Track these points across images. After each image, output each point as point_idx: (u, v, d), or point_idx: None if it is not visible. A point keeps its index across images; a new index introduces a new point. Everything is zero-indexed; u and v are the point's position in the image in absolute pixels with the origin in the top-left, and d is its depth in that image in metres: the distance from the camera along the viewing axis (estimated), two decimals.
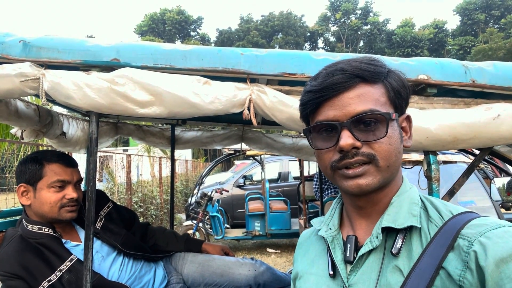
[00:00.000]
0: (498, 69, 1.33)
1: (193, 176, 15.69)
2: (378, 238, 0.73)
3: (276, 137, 2.67)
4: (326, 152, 0.75)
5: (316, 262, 0.85)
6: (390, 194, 0.76)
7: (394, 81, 0.75)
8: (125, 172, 6.73)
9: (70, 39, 1.30)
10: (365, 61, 0.75)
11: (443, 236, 0.67)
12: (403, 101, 0.77)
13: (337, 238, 0.81)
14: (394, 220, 0.73)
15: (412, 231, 0.72)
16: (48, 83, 1.22)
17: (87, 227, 1.31)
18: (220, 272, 1.86)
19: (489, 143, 1.27)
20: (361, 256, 0.74)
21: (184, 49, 1.29)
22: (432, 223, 0.71)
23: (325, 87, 0.73)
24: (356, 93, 0.72)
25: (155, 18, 58.60)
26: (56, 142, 2.02)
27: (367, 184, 0.71)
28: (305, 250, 0.92)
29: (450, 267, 0.64)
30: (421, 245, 0.70)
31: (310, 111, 0.77)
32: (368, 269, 0.73)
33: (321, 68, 0.78)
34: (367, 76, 0.72)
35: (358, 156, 0.71)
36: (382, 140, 0.71)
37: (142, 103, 1.23)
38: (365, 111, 0.70)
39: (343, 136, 0.71)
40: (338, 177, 0.74)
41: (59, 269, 1.46)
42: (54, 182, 1.55)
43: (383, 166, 0.71)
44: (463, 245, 0.64)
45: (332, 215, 0.87)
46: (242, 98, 1.26)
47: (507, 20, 45.13)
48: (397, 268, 0.69)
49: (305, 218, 5.47)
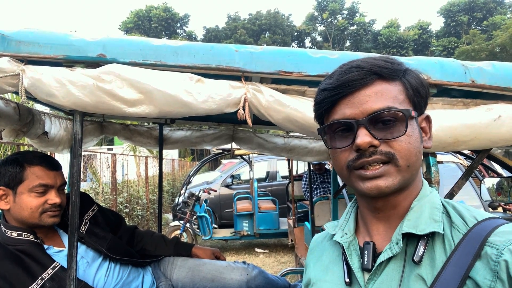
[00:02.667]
0: (497, 69, 1.31)
1: (180, 175, 15.53)
2: (398, 244, 0.69)
3: (267, 137, 2.62)
4: (342, 151, 0.71)
5: (331, 269, 0.81)
6: (409, 197, 0.73)
7: (413, 79, 0.72)
8: (110, 172, 6.58)
9: (52, 32, 1.22)
10: (382, 58, 0.73)
11: (469, 243, 0.64)
12: (422, 100, 0.74)
13: (353, 244, 0.77)
14: (415, 226, 0.69)
15: (435, 238, 0.69)
16: (29, 79, 1.14)
17: (70, 233, 1.23)
18: (211, 277, 1.80)
19: (489, 144, 1.25)
20: (380, 263, 0.70)
21: (175, 45, 1.23)
22: (455, 230, 0.68)
23: (340, 85, 0.70)
24: (373, 91, 0.69)
25: (141, 15, 57.83)
26: (38, 142, 1.92)
27: (387, 185, 0.67)
28: (318, 255, 0.88)
29: (478, 277, 0.61)
30: (444, 252, 0.66)
31: (325, 110, 0.74)
32: (388, 277, 0.69)
33: (337, 67, 0.74)
34: (385, 73, 0.69)
35: (376, 155, 0.67)
36: (402, 139, 0.67)
37: (131, 101, 1.16)
38: (383, 109, 0.67)
39: (359, 134, 0.67)
40: (354, 178, 0.70)
41: (41, 277, 1.38)
42: (36, 186, 1.46)
43: (403, 166, 0.67)
44: (492, 253, 0.61)
45: (347, 219, 0.82)
46: (237, 97, 1.20)
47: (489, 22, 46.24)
48: (419, 277, 0.66)
49: (294, 217, 5.45)
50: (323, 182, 5.68)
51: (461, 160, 3.82)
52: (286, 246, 6.85)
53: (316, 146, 2.66)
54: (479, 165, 1.30)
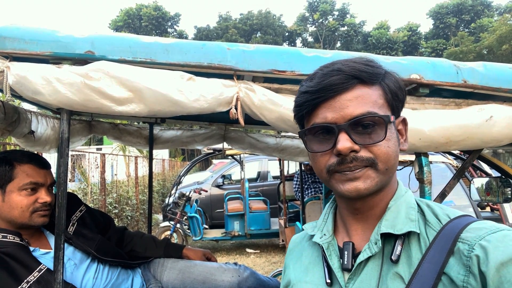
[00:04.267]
0: (488, 70, 1.32)
1: (170, 175, 15.41)
2: (377, 244, 0.71)
3: (259, 137, 2.60)
4: (322, 155, 0.73)
5: (311, 270, 0.82)
6: (386, 198, 0.75)
7: (391, 83, 0.74)
8: (99, 172, 6.49)
9: (38, 28, 1.18)
10: (362, 62, 0.73)
11: (442, 240, 0.66)
12: (400, 103, 0.76)
13: (332, 245, 0.78)
14: (392, 226, 0.71)
15: (411, 237, 0.71)
16: (14, 76, 1.11)
17: (57, 235, 1.19)
18: (202, 279, 1.78)
19: (481, 144, 1.26)
20: (359, 263, 0.72)
21: (165, 42, 1.20)
22: (430, 228, 0.70)
23: (321, 88, 0.70)
24: (354, 95, 0.70)
25: (131, 14, 57.26)
26: (24, 141, 1.87)
27: (366, 187, 0.69)
28: (297, 256, 0.88)
29: (452, 272, 0.63)
30: (420, 250, 0.68)
31: (306, 113, 0.75)
32: (367, 276, 0.71)
33: (317, 68, 0.75)
34: (365, 78, 0.70)
35: (357, 161, 0.69)
36: (381, 143, 0.69)
37: (120, 100, 1.13)
38: (363, 114, 0.69)
39: (340, 139, 0.68)
40: (334, 180, 0.72)
41: (26, 280, 1.34)
42: (26, 184, 1.43)
43: (382, 169, 0.70)
44: (464, 249, 0.63)
45: (325, 220, 0.84)
46: (229, 96, 1.18)
47: (477, 25, 47.00)
48: (397, 275, 0.68)
49: (285, 218, 5.44)
50: (314, 182, 5.69)
51: (451, 160, 3.86)
52: (277, 246, 6.84)
53: None
54: (470, 165, 1.31)
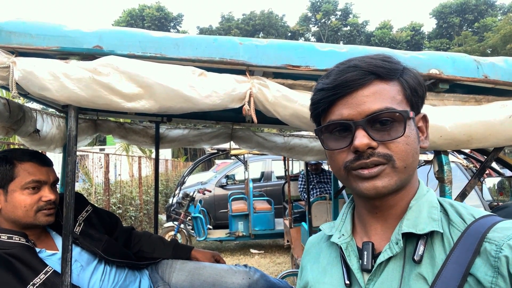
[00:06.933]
0: (509, 65, 1.28)
1: (174, 176, 15.39)
2: (398, 244, 0.69)
3: (267, 136, 2.56)
4: (339, 152, 0.71)
5: (329, 271, 0.80)
6: (407, 197, 0.73)
7: (410, 79, 0.72)
8: (103, 172, 6.46)
9: (45, 23, 1.15)
10: (380, 57, 0.71)
11: (467, 240, 0.65)
12: (420, 99, 0.74)
13: (351, 245, 0.77)
14: (414, 225, 0.69)
15: (434, 236, 0.69)
16: (20, 72, 1.07)
17: (64, 236, 1.16)
18: (211, 281, 1.73)
19: (503, 142, 1.21)
20: (380, 263, 0.70)
21: (176, 37, 1.16)
22: (454, 228, 0.68)
23: (338, 85, 0.69)
24: (371, 91, 0.68)
25: (134, 14, 57.36)
26: (29, 140, 1.84)
27: (384, 185, 0.68)
28: (315, 257, 0.87)
29: (479, 273, 0.61)
30: (444, 251, 0.67)
31: (322, 110, 0.73)
32: (388, 277, 0.69)
33: (333, 66, 0.74)
34: (383, 73, 0.69)
35: (374, 156, 0.67)
36: (399, 140, 0.67)
37: (129, 96, 1.09)
38: (381, 110, 0.67)
39: (358, 136, 0.67)
40: (352, 178, 0.70)
41: (32, 283, 1.30)
42: (29, 182, 1.39)
43: (400, 167, 0.68)
44: (491, 249, 0.62)
45: (343, 220, 0.82)
46: (242, 92, 1.14)
47: (480, 24, 46.72)
48: (420, 276, 0.66)
49: (290, 218, 5.40)
50: (319, 182, 5.63)
51: (461, 159, 3.80)
52: (282, 246, 6.80)
53: (317, 145, 2.61)
54: (491, 163, 1.26)
